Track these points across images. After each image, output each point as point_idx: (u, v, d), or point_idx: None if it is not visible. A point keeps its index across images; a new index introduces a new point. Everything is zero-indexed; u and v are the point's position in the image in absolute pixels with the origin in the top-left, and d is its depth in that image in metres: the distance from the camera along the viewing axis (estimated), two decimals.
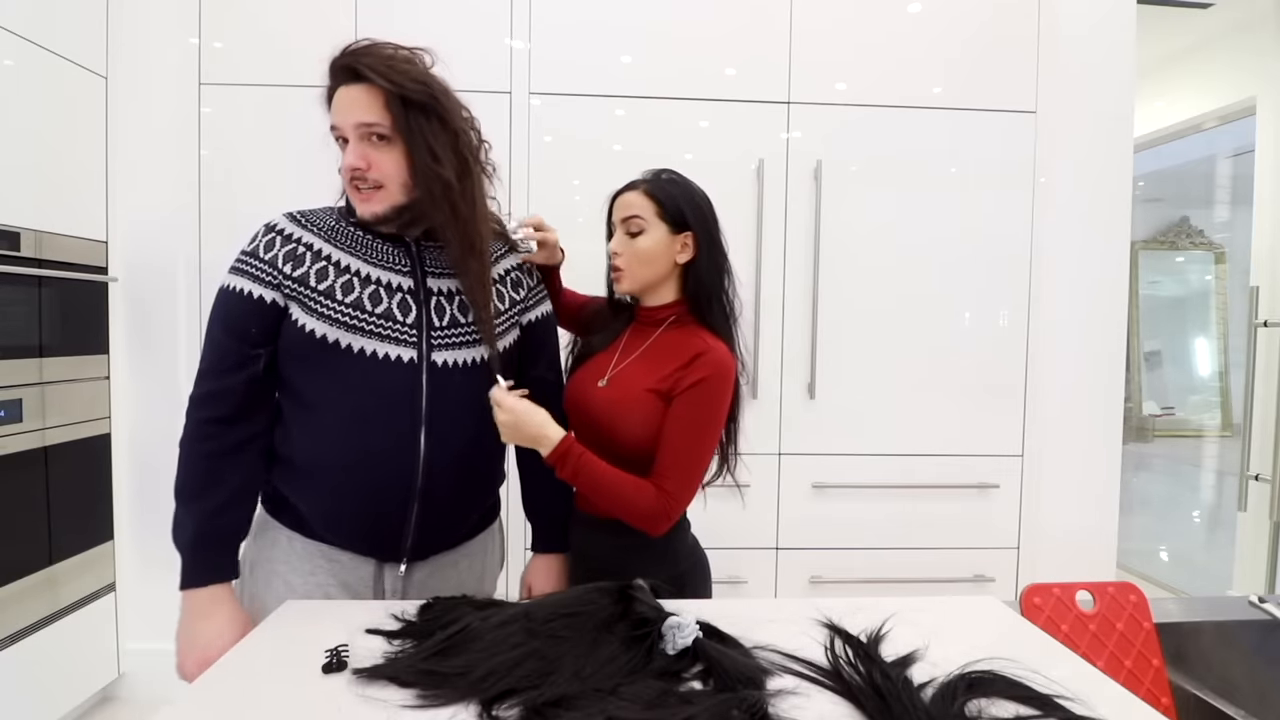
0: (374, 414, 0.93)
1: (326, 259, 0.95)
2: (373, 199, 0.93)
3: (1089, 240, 2.02)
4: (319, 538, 0.98)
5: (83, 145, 1.82)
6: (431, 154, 0.92)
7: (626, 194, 1.04)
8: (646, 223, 1.02)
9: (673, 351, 1.01)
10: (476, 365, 0.99)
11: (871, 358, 1.98)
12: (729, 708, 0.62)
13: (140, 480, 1.95)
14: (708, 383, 0.97)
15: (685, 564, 1.05)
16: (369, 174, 0.92)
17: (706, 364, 0.97)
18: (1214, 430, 3.45)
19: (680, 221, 1.03)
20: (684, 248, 1.03)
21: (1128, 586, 1.13)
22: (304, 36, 1.87)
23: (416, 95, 0.92)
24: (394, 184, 0.93)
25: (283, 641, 0.79)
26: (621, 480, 0.95)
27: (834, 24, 1.94)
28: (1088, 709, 0.64)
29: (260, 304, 0.92)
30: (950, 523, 1.99)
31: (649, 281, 1.04)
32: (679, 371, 0.98)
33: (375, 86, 0.90)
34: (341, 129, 0.93)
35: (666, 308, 1.06)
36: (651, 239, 1.02)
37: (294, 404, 0.97)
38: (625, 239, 1.03)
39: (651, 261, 1.03)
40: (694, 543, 1.09)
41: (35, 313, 1.67)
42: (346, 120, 0.92)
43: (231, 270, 0.95)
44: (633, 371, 1.02)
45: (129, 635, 1.95)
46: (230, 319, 0.94)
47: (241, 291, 0.93)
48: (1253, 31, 2.50)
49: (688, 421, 0.97)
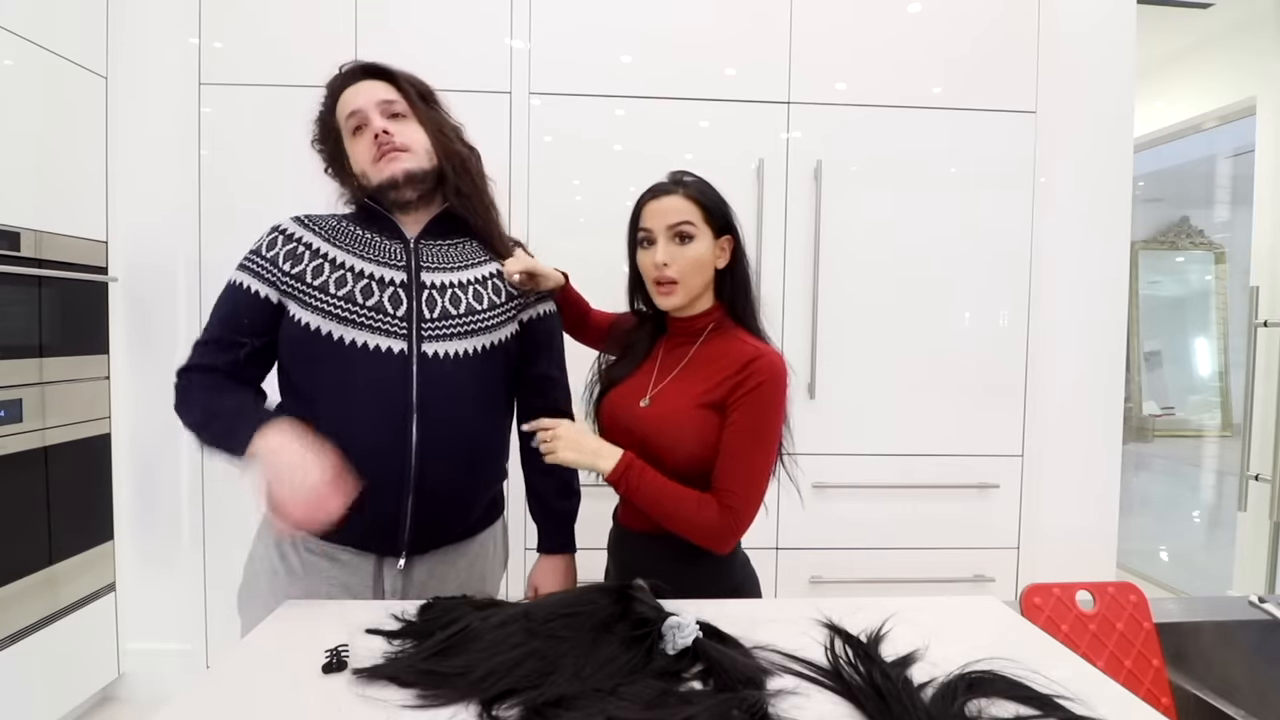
0: (364, 404, 0.94)
1: (324, 256, 0.99)
2: (400, 158, 0.99)
3: (1089, 240, 2.02)
4: (320, 535, 0.98)
5: (83, 145, 1.82)
6: (448, 134, 1.05)
7: (665, 199, 0.98)
8: (696, 228, 0.97)
9: (719, 361, 0.97)
10: (469, 356, 0.99)
11: (871, 358, 1.98)
12: (729, 708, 0.62)
13: (140, 480, 1.95)
14: (764, 388, 0.93)
15: (739, 577, 1.01)
16: (395, 139, 0.99)
17: (761, 369, 0.93)
18: (1214, 430, 3.45)
19: (722, 226, 1.00)
20: (722, 252, 1.01)
21: (1128, 586, 1.13)
22: (304, 37, 1.87)
23: (424, 90, 1.05)
24: (419, 148, 1.01)
25: (283, 641, 0.79)
26: (683, 496, 0.92)
27: (834, 24, 1.94)
28: (1088, 709, 0.64)
29: (256, 298, 0.98)
30: (950, 523, 1.99)
31: (700, 291, 1.00)
32: (732, 379, 0.94)
33: (390, 80, 1.02)
34: (363, 109, 0.99)
35: (704, 316, 1.02)
36: (704, 245, 0.98)
37: (293, 398, 0.99)
38: (675, 248, 0.97)
39: (704, 269, 0.99)
40: (744, 558, 1.05)
41: (35, 313, 1.67)
42: (369, 100, 0.99)
43: (238, 267, 1.01)
44: (678, 388, 0.98)
45: (129, 635, 1.95)
46: (226, 308, 1.00)
47: (242, 285, 0.99)
48: (1253, 31, 2.50)
49: (749, 432, 0.93)
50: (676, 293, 0.98)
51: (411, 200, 1.01)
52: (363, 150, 1.00)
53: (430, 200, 1.04)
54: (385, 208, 1.02)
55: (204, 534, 1.89)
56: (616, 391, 1.05)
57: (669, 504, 0.92)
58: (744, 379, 0.93)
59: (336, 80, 1.03)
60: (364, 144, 1.00)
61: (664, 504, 0.92)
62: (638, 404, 1.00)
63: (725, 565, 1.00)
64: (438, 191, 1.04)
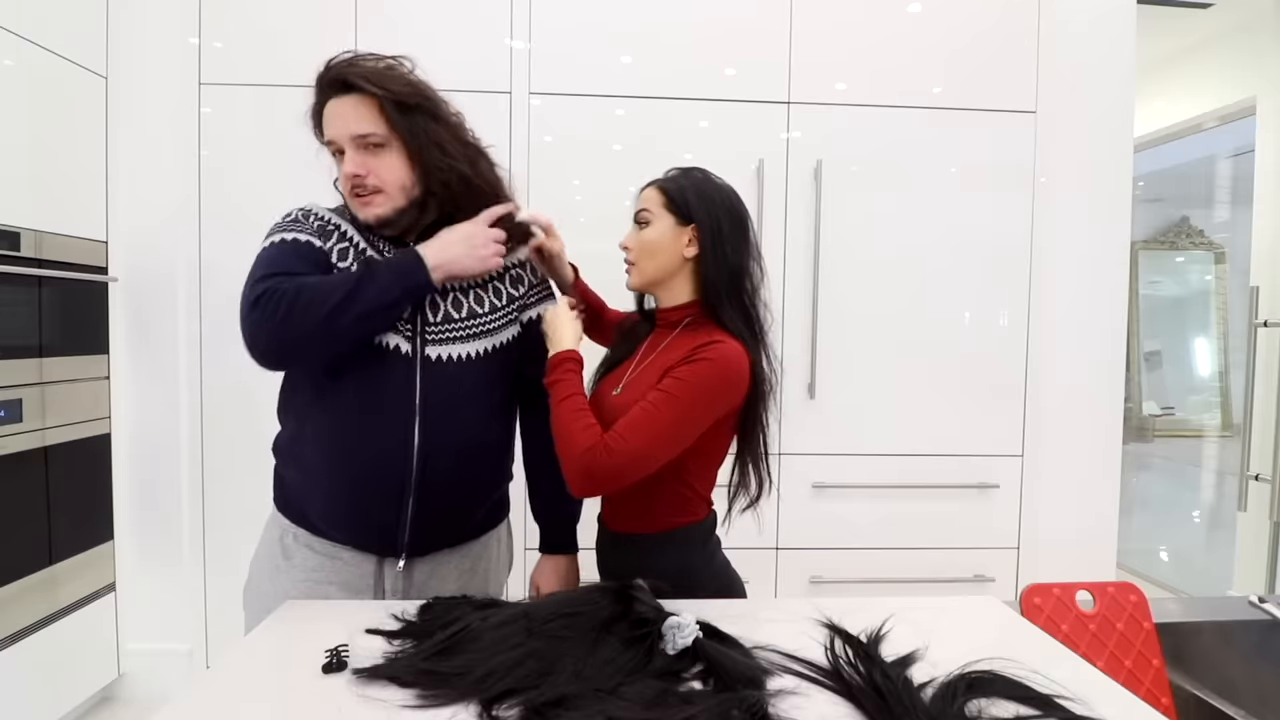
0: (368, 404, 0.94)
1: (349, 240, 0.98)
2: (373, 203, 0.95)
3: (1089, 240, 2.02)
4: (322, 534, 0.98)
5: (83, 145, 1.82)
6: (440, 149, 0.96)
7: (643, 190, 1.04)
8: (653, 214, 1.01)
9: (682, 349, 0.97)
10: (472, 359, 0.99)
11: (871, 358, 1.98)
12: (729, 708, 0.62)
13: (140, 480, 1.95)
14: (701, 365, 0.91)
15: (717, 583, 1.01)
16: (368, 180, 0.94)
17: (710, 352, 0.92)
18: (1214, 430, 3.44)
19: (686, 213, 0.99)
20: (690, 241, 1.00)
21: (1128, 586, 1.13)
22: (304, 36, 1.87)
23: (409, 99, 0.94)
24: (393, 188, 0.95)
25: (283, 641, 0.79)
26: (579, 414, 0.90)
27: (834, 24, 1.94)
28: (1088, 709, 0.64)
29: (312, 248, 0.94)
30: (950, 523, 1.99)
31: (655, 276, 1.02)
32: (681, 364, 0.93)
33: (367, 95, 0.92)
34: (338, 141, 0.94)
35: (682, 309, 1.03)
36: (656, 230, 1.00)
37: (295, 394, 0.99)
38: (634, 230, 1.03)
39: (655, 253, 1.00)
40: (724, 562, 1.05)
41: (35, 313, 1.67)
42: (342, 133, 0.93)
43: (275, 229, 0.96)
44: (644, 375, 1.00)
45: (129, 635, 1.95)
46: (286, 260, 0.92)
47: (294, 240, 0.94)
48: (1253, 31, 2.50)
49: (665, 392, 0.90)
50: (632, 271, 1.03)
51: (396, 233, 0.99)
52: (343, 180, 0.96)
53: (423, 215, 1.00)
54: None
55: (204, 534, 1.89)
56: (604, 383, 1.07)
57: (565, 414, 0.91)
58: (689, 355, 0.93)
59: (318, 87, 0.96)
60: (344, 167, 0.95)
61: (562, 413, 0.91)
62: (611, 392, 1.02)
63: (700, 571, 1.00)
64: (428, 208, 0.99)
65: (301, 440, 0.99)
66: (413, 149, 0.94)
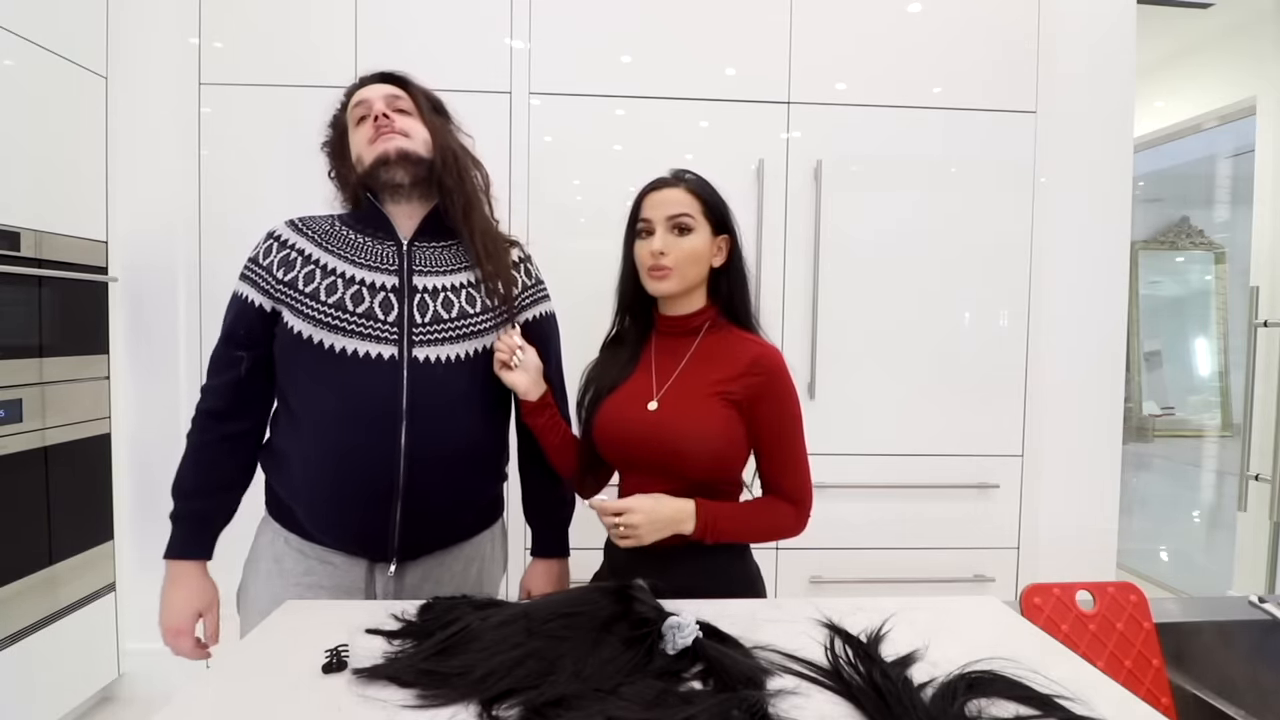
0: (353, 411, 0.94)
1: (315, 262, 0.99)
2: (394, 138, 1.00)
3: (1089, 240, 2.02)
4: (312, 539, 0.98)
5: (83, 145, 1.82)
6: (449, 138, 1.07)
7: (665, 191, 1.00)
8: (694, 221, 0.99)
9: (722, 358, 0.98)
10: (461, 360, 0.99)
11: (871, 357, 1.98)
12: (729, 708, 0.61)
13: (140, 480, 1.95)
14: (780, 380, 0.97)
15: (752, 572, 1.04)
16: (394, 123, 1.00)
17: (772, 364, 0.97)
18: (1214, 430, 3.44)
19: (720, 224, 1.01)
20: (719, 251, 1.02)
21: (1128, 586, 1.13)
22: (304, 36, 1.87)
23: (436, 102, 1.09)
24: (416, 137, 1.02)
25: (283, 641, 0.79)
26: (758, 512, 0.98)
27: (834, 24, 1.94)
28: (1088, 709, 0.64)
29: (251, 308, 0.99)
30: (950, 523, 1.99)
31: (694, 283, 1.01)
32: (745, 377, 0.96)
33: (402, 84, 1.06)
34: (369, 99, 1.02)
35: (698, 314, 1.03)
36: (701, 238, 0.99)
37: (286, 405, 1.00)
38: (672, 237, 0.98)
39: (699, 262, 1.00)
40: (750, 557, 1.06)
41: (35, 313, 1.67)
42: (377, 93, 1.03)
43: (240, 276, 1.03)
44: (685, 385, 0.98)
45: (129, 635, 1.95)
46: (230, 319, 1.02)
47: (241, 296, 1.01)
48: (1253, 31, 2.50)
49: (785, 424, 0.98)
50: (670, 278, 0.98)
51: (404, 185, 0.99)
52: (362, 135, 1.02)
53: (423, 194, 1.03)
54: (378, 198, 1.02)
55: None
56: (613, 399, 1.02)
57: (747, 527, 0.97)
58: (759, 376, 0.96)
59: (353, 84, 1.07)
60: (365, 130, 1.02)
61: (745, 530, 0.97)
62: (643, 408, 0.99)
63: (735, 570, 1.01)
64: (431, 186, 1.03)
65: (287, 446, 0.99)
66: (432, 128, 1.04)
